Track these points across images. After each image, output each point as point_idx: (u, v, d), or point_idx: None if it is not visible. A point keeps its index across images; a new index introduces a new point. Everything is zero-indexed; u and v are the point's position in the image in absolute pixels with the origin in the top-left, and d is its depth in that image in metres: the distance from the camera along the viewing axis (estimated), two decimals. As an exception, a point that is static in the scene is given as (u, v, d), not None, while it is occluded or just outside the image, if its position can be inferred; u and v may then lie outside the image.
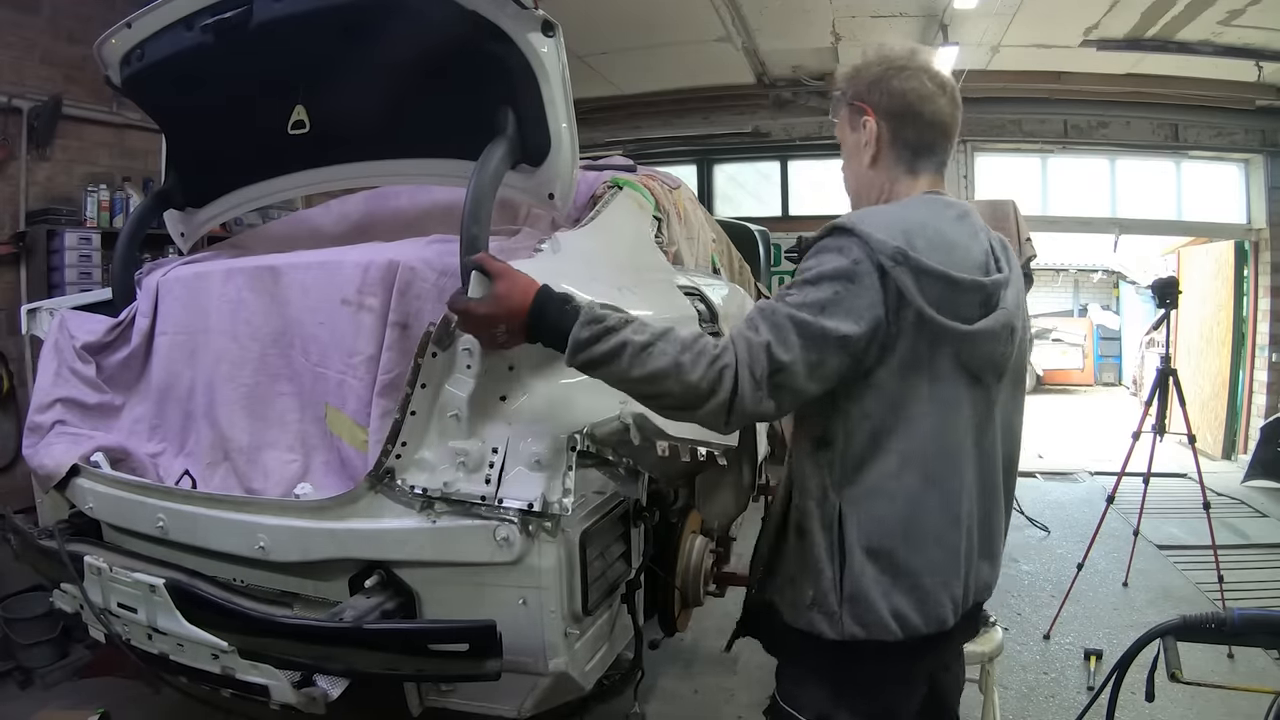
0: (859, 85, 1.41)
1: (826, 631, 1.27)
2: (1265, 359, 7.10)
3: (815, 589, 1.28)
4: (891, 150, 1.39)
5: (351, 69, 2.18)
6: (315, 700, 1.65)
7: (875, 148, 1.39)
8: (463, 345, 1.66)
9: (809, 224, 7.85)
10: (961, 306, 1.24)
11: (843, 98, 1.45)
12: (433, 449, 1.68)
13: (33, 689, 3.18)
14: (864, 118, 1.39)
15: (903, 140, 1.38)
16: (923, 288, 1.19)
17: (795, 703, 1.36)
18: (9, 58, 3.70)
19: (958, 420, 1.28)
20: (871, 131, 1.38)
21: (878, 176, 1.41)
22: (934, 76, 1.39)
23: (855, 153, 1.43)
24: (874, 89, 1.39)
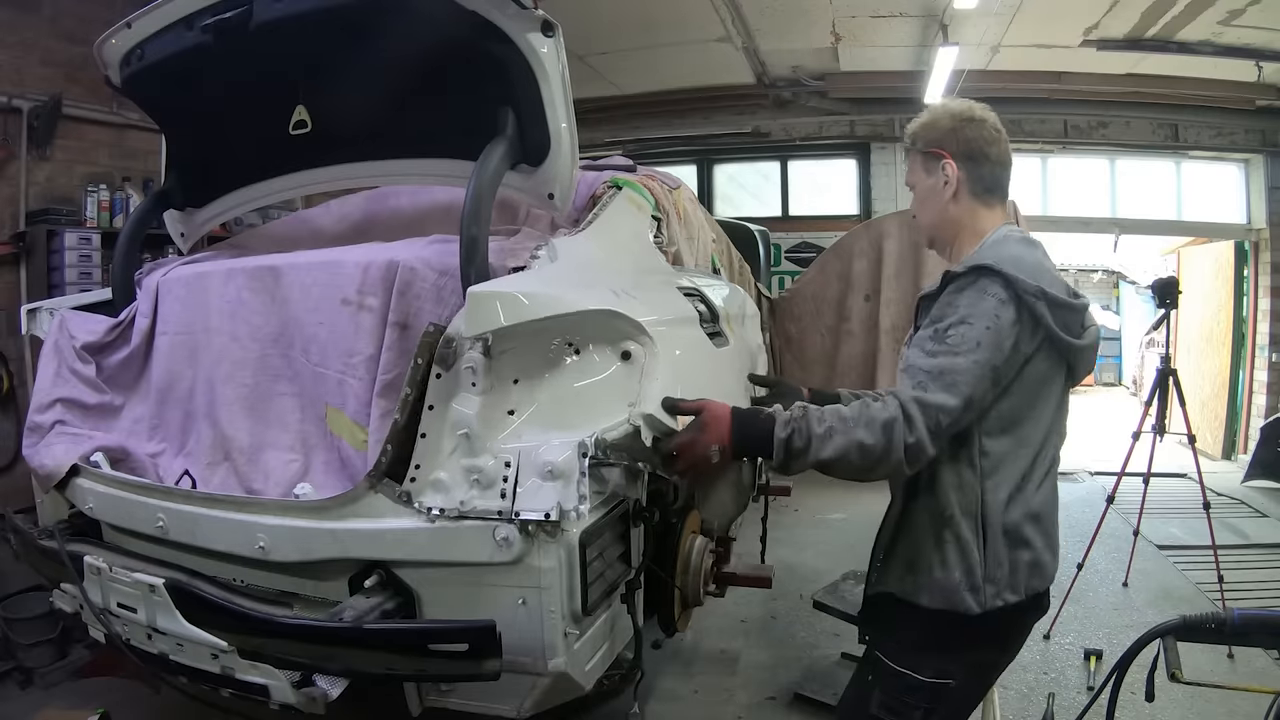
0: (932, 135, 1.66)
1: (973, 607, 1.48)
2: (1265, 359, 7.11)
3: (962, 569, 1.49)
4: (968, 187, 1.63)
5: (352, 69, 2.18)
6: (315, 700, 1.65)
7: (955, 186, 1.63)
8: (466, 363, 1.67)
9: (809, 224, 7.87)
10: (1074, 325, 1.51)
11: (914, 148, 1.69)
12: (446, 469, 1.68)
13: (33, 689, 3.18)
14: (942, 162, 1.63)
15: (978, 177, 1.63)
16: (1054, 315, 1.45)
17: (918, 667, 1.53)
18: (9, 58, 3.70)
19: (1063, 416, 1.59)
20: (951, 171, 1.62)
21: (959, 211, 1.64)
22: (995, 124, 1.65)
23: (933, 194, 1.66)
24: (949, 137, 1.63)
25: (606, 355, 1.75)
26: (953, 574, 1.50)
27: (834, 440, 1.42)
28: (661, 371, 1.73)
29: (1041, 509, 1.55)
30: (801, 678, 3.24)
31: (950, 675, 1.53)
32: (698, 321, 2.18)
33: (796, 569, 4.38)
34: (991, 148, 1.63)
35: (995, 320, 1.42)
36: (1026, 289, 1.43)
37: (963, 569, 1.49)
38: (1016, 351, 1.44)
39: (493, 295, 1.63)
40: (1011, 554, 1.50)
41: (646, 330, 1.75)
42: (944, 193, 1.64)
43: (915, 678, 1.53)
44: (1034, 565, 1.53)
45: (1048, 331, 1.45)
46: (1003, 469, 1.50)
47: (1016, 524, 1.50)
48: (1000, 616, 1.51)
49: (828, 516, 5.57)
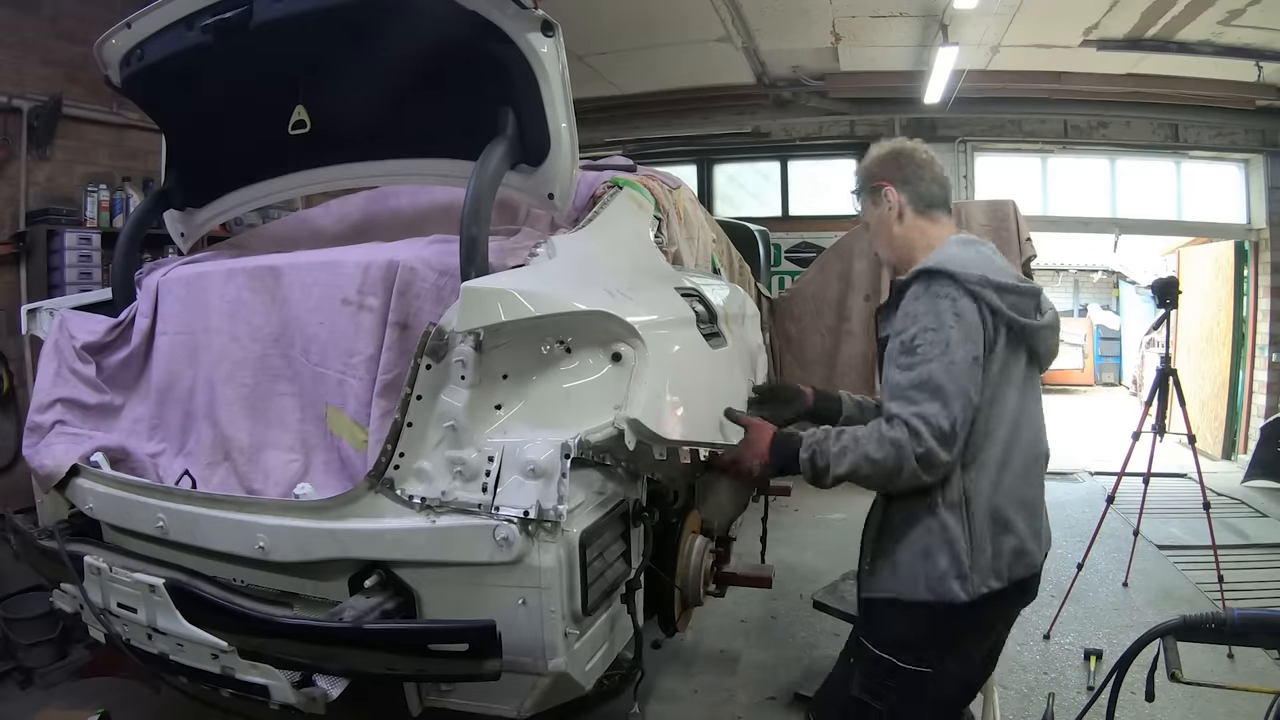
0: (871, 172, 1.84)
1: (960, 595, 1.55)
2: (1265, 359, 7.10)
3: (949, 558, 1.56)
4: (910, 206, 1.78)
5: (351, 69, 2.18)
6: (315, 700, 1.65)
7: (899, 208, 1.78)
8: (456, 356, 1.67)
9: (809, 224, 7.86)
10: (1027, 308, 1.60)
11: (862, 190, 1.86)
12: (430, 459, 1.69)
13: (33, 689, 3.18)
14: (884, 190, 1.79)
15: (917, 196, 1.78)
16: (1004, 299, 1.56)
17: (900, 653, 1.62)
18: (9, 58, 3.70)
19: (1035, 402, 1.67)
20: (893, 197, 1.78)
21: (908, 230, 1.78)
22: (923, 150, 1.83)
23: (885, 222, 1.81)
24: (884, 169, 1.82)
25: (597, 356, 1.76)
26: (939, 563, 1.57)
27: (847, 458, 1.56)
28: (651, 375, 1.73)
29: (1023, 495, 1.63)
30: (801, 678, 3.24)
31: (929, 664, 1.62)
32: (694, 322, 2.18)
33: (796, 569, 4.38)
34: (923, 169, 1.80)
35: (956, 317, 1.53)
36: (970, 279, 1.55)
37: (949, 557, 1.56)
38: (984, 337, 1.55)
39: (486, 291, 1.64)
40: (995, 540, 1.58)
41: (638, 333, 1.75)
42: (890, 216, 1.80)
43: (895, 663, 1.63)
44: (1018, 552, 1.60)
45: (1002, 316, 1.56)
46: (979, 456, 1.58)
47: (999, 509, 1.58)
48: (987, 604, 1.58)
49: (828, 516, 5.57)
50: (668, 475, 2.16)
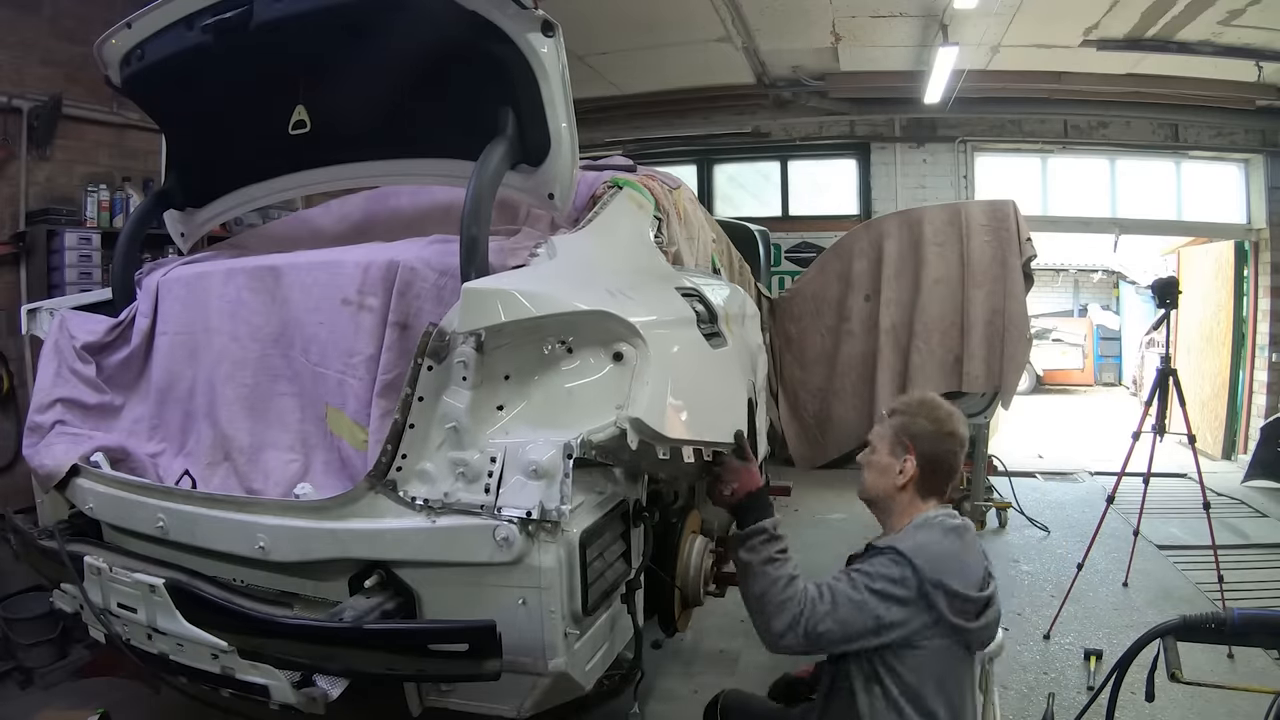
0: (910, 427, 1.84)
1: None
2: (1265, 359, 7.10)
3: None
4: (918, 484, 1.82)
5: (352, 69, 2.18)
6: (315, 700, 1.65)
7: (907, 479, 1.82)
8: (458, 357, 1.67)
9: (809, 224, 7.86)
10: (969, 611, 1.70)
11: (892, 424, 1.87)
12: (432, 460, 1.69)
13: (33, 689, 3.18)
14: (906, 456, 1.82)
15: (929, 482, 1.83)
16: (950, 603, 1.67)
17: None
18: (9, 58, 3.70)
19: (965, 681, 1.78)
20: (909, 468, 1.81)
21: (901, 498, 1.83)
22: (962, 440, 1.86)
23: (888, 470, 1.84)
24: (921, 439, 1.82)
25: (599, 356, 1.76)
26: None
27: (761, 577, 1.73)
28: (652, 374, 1.73)
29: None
30: (801, 678, 3.24)
31: None
32: (695, 322, 2.18)
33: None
34: (953, 459, 1.85)
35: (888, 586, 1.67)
36: (926, 577, 1.66)
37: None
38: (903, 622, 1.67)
39: (487, 291, 1.64)
40: None
41: (639, 332, 1.75)
42: (896, 479, 1.83)
43: None
44: None
45: (940, 615, 1.67)
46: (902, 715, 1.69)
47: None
48: None
49: (828, 516, 5.57)
50: (669, 475, 2.16)
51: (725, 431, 2.11)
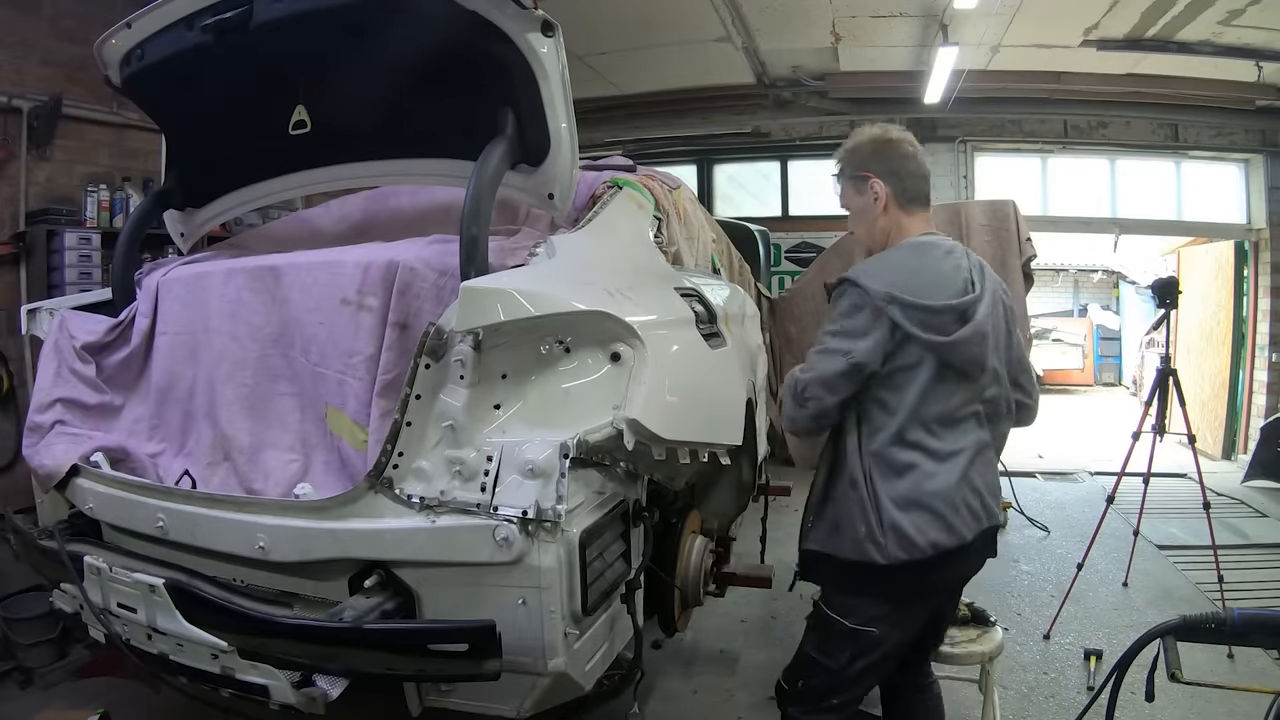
0: (857, 159, 1.90)
1: (877, 559, 1.73)
2: (1265, 359, 7.10)
3: (865, 525, 1.74)
4: (895, 200, 1.86)
5: (352, 69, 2.18)
6: (315, 700, 1.65)
7: (883, 199, 1.86)
8: (455, 356, 1.67)
9: (809, 224, 7.86)
10: (937, 324, 1.71)
11: (844, 174, 1.93)
12: (429, 458, 1.69)
13: (33, 689, 3.18)
14: (869, 181, 1.86)
15: (901, 190, 1.86)
16: (907, 314, 1.69)
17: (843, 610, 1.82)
18: (9, 58, 3.70)
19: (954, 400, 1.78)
20: (878, 188, 1.86)
21: (888, 222, 1.88)
22: (910, 141, 1.90)
23: (865, 211, 1.90)
24: (871, 160, 1.88)
25: (596, 356, 1.76)
26: (859, 528, 1.76)
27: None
28: (650, 375, 1.73)
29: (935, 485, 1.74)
30: (801, 678, 3.24)
31: (873, 625, 1.80)
32: (694, 322, 2.18)
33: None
34: (909, 162, 1.88)
35: (847, 320, 1.73)
36: (877, 295, 1.69)
37: (865, 525, 1.75)
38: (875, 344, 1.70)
39: (486, 290, 1.64)
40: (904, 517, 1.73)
41: (637, 333, 1.75)
42: (875, 208, 1.88)
43: (844, 624, 1.81)
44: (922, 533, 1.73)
45: (904, 330, 1.69)
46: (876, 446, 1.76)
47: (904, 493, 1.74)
48: (909, 570, 1.74)
49: (828, 516, 5.57)
50: (667, 475, 2.16)
51: (723, 433, 2.11)
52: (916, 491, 1.74)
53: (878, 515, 1.73)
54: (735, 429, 2.23)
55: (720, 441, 2.08)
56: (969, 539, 1.79)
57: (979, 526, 1.81)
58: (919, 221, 1.89)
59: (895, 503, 1.73)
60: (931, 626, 2.05)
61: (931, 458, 1.75)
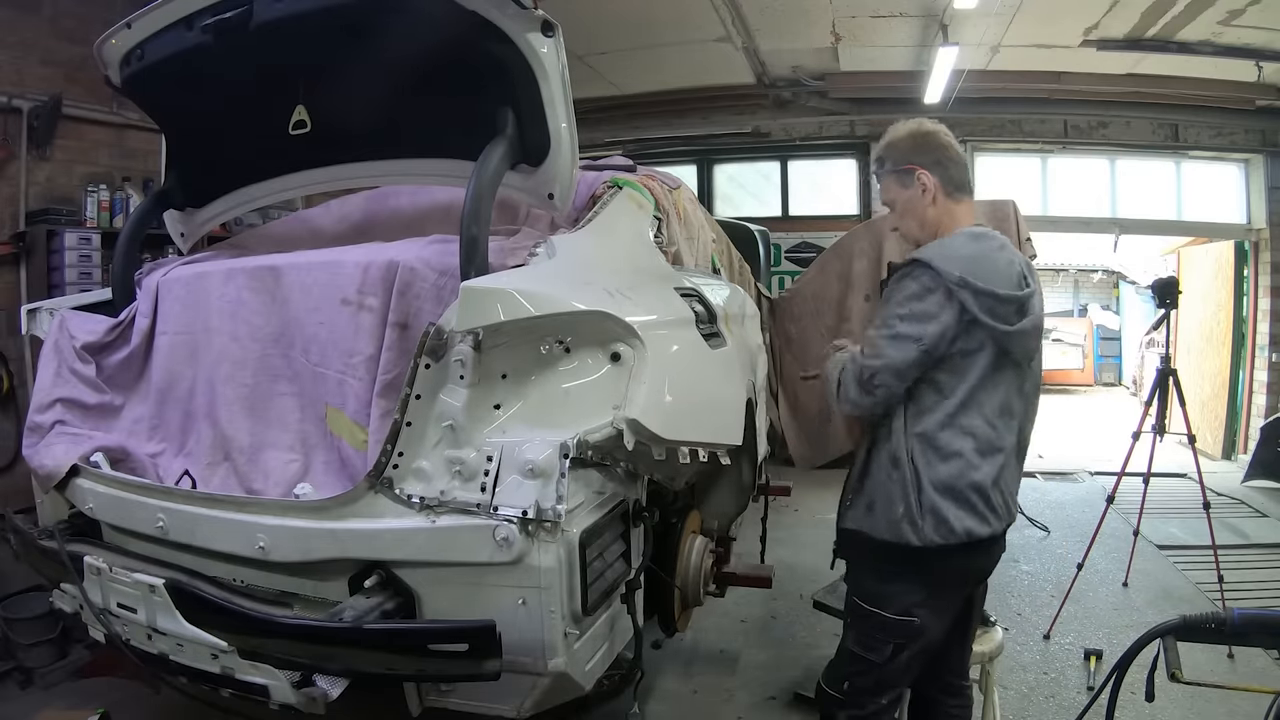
0: (899, 154, 1.92)
1: (912, 540, 1.76)
2: (1265, 359, 7.09)
3: (904, 505, 1.77)
4: (942, 190, 1.89)
5: (352, 69, 2.18)
6: (315, 700, 1.65)
7: (931, 191, 1.88)
8: (455, 356, 1.67)
9: (809, 224, 7.86)
10: (1003, 312, 1.73)
11: (885, 169, 1.95)
12: (429, 458, 1.69)
13: (33, 689, 3.17)
14: (916, 173, 1.88)
15: (948, 179, 1.89)
16: (978, 301, 1.71)
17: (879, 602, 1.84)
18: (9, 58, 3.70)
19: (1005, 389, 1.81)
20: (927, 180, 1.88)
21: (938, 212, 1.90)
22: (945, 131, 1.93)
23: (914, 204, 1.91)
24: (915, 152, 1.90)
25: (596, 356, 1.76)
26: (897, 508, 1.78)
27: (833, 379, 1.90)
28: (650, 375, 1.73)
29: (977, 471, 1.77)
30: (802, 678, 3.24)
31: (911, 614, 1.82)
32: (694, 322, 2.18)
33: (796, 569, 4.38)
34: (951, 151, 1.91)
35: (917, 304, 1.73)
36: (950, 279, 1.70)
37: (903, 505, 1.77)
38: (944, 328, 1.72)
39: (486, 291, 1.64)
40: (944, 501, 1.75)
41: (637, 333, 1.75)
42: (924, 200, 1.89)
43: (882, 615, 1.83)
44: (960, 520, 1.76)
45: (972, 315, 1.71)
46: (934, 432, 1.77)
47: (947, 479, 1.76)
48: (944, 554, 1.77)
49: (828, 516, 5.53)
50: (668, 475, 2.16)
51: (723, 433, 2.11)
52: (958, 480, 1.76)
53: (918, 497, 1.75)
54: (735, 429, 2.23)
55: (720, 441, 2.08)
56: (998, 531, 1.84)
57: (1002, 524, 1.85)
58: (966, 210, 1.92)
59: (936, 487, 1.75)
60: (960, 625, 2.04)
61: (978, 449, 1.78)
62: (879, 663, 1.86)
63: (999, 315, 1.73)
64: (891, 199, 1.96)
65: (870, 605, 1.86)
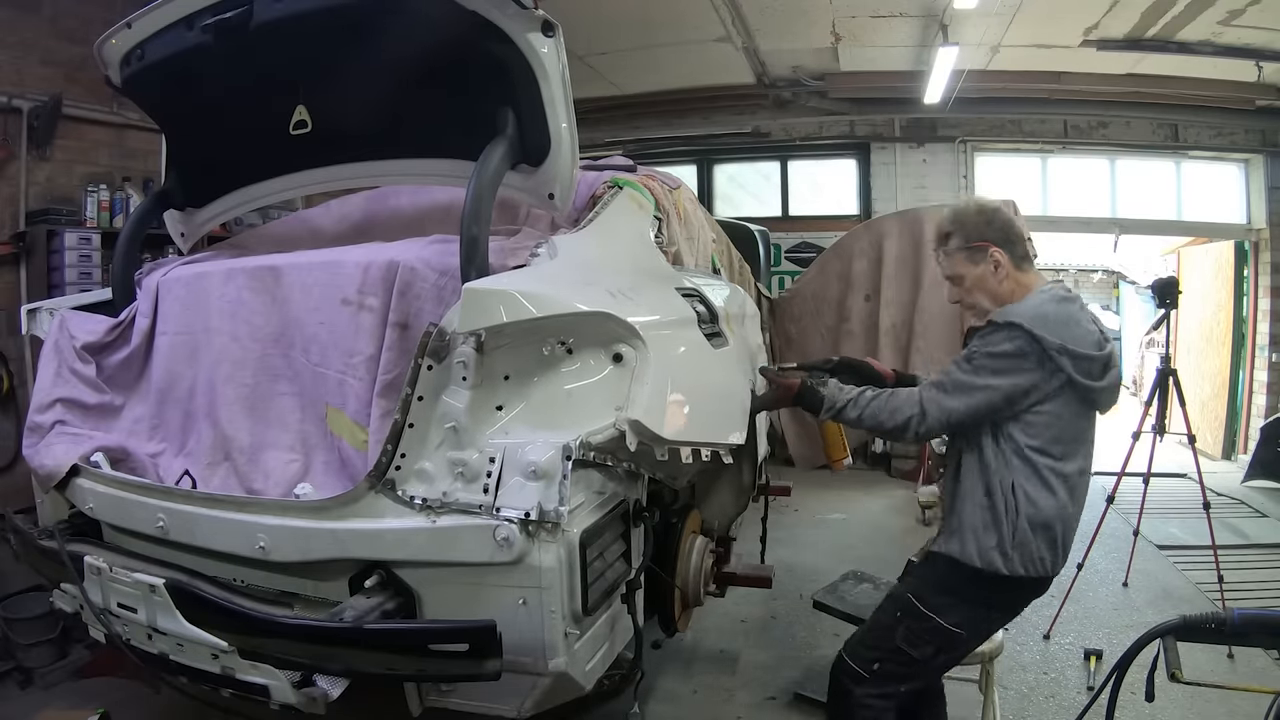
0: (970, 231, 2.01)
1: (1002, 569, 1.88)
2: (1265, 359, 7.10)
3: (996, 536, 1.88)
4: (1012, 264, 1.99)
5: (352, 69, 2.18)
6: (315, 700, 1.65)
7: (1003, 266, 1.99)
8: (458, 357, 1.67)
9: (809, 224, 7.86)
10: (1094, 371, 1.87)
11: (954, 245, 2.03)
12: (431, 460, 1.69)
13: (33, 689, 3.17)
14: (988, 251, 1.98)
15: (1015, 255, 2.00)
16: (1075, 365, 1.83)
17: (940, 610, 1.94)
18: (9, 58, 3.70)
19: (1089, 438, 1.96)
20: (998, 256, 1.98)
21: (1011, 286, 2.00)
22: (1007, 205, 2.14)
23: (985, 278, 2.01)
24: (986, 229, 2.00)
25: (599, 357, 1.76)
26: (990, 538, 1.89)
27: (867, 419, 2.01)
28: (652, 375, 1.73)
29: (1063, 511, 1.90)
30: (801, 678, 3.24)
31: (964, 628, 1.96)
32: (695, 322, 2.18)
33: (796, 569, 4.38)
34: (1015, 226, 2.02)
35: (1014, 365, 1.84)
36: (1050, 345, 1.81)
37: (997, 536, 1.88)
38: (1036, 389, 1.84)
39: (488, 292, 1.64)
40: (1033, 537, 1.87)
41: (639, 333, 1.75)
42: (997, 275, 1.99)
43: (938, 622, 1.94)
44: (1043, 556, 1.89)
45: (1068, 376, 1.83)
46: (1034, 468, 1.87)
47: (1041, 515, 1.87)
48: (1019, 586, 1.92)
49: (828, 516, 5.57)
50: (670, 475, 2.16)
51: (725, 432, 2.11)
52: (1051, 518, 1.87)
53: (1013, 531, 1.86)
54: (738, 429, 2.23)
55: (722, 441, 2.08)
56: (1058, 572, 1.97)
57: (1062, 564, 1.97)
58: (1033, 277, 2.02)
59: (1031, 522, 1.86)
60: None
61: (1067, 491, 1.90)
62: (919, 659, 1.97)
63: (1091, 374, 1.85)
64: (959, 274, 2.04)
65: (929, 610, 1.95)
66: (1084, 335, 1.87)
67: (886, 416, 1.96)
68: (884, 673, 2.00)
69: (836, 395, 2.07)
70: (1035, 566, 1.89)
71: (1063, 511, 1.90)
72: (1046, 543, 1.89)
